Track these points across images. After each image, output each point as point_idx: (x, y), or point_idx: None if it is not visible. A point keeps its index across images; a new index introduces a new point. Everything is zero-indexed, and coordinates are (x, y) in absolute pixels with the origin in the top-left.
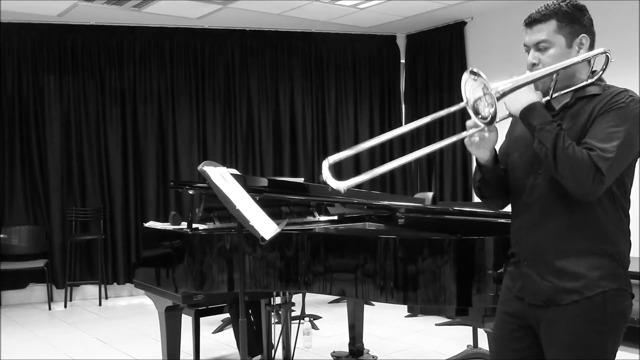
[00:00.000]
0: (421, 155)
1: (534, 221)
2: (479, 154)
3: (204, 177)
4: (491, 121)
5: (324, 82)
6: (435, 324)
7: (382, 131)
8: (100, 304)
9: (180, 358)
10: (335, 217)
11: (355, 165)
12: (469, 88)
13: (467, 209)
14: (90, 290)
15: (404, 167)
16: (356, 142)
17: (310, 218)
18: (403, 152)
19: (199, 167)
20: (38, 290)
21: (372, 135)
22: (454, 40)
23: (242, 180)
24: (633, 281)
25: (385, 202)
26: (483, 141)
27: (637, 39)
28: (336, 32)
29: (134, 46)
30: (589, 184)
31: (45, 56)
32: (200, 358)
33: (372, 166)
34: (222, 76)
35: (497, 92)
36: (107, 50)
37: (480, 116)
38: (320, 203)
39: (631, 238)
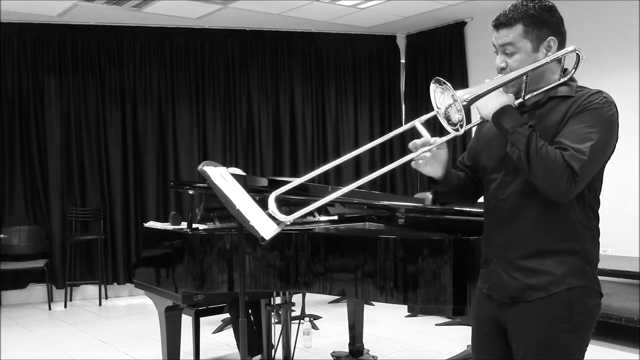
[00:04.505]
0: (375, 177)
1: (504, 219)
2: (431, 172)
3: (204, 177)
4: (461, 127)
5: (324, 82)
6: (435, 324)
7: (382, 131)
8: (100, 304)
9: (180, 358)
10: (335, 217)
11: (356, 167)
12: (439, 97)
13: (467, 209)
14: (90, 290)
15: (404, 167)
16: (356, 142)
17: (310, 218)
18: (402, 155)
19: (199, 167)
20: (38, 290)
21: (372, 135)
22: (454, 40)
23: (242, 180)
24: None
25: (385, 202)
26: (433, 158)
27: (638, 39)
28: (336, 32)
29: (134, 46)
30: (563, 184)
31: (45, 56)
32: (200, 358)
33: (372, 166)
34: (222, 76)
35: (466, 98)
36: (107, 50)
37: (450, 122)
38: None
39: (636, 239)
